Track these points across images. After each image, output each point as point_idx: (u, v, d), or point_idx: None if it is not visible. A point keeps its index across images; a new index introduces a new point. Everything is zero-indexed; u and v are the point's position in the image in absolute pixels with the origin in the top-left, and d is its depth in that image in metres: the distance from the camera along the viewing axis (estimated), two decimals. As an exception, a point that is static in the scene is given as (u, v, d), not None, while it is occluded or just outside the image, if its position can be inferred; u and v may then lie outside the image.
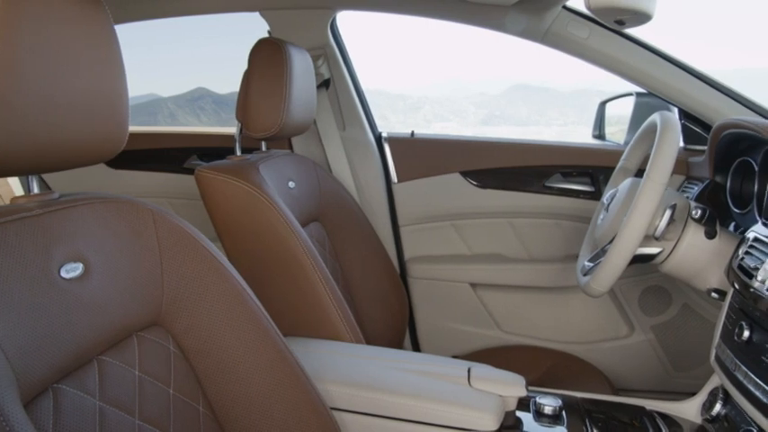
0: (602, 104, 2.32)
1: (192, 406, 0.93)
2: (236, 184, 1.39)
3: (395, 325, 1.86)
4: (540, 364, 1.88)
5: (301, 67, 1.56)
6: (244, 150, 1.61)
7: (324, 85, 2.01)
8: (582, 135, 2.36)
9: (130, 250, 0.88)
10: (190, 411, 0.92)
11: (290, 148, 2.09)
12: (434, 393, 1.15)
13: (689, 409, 1.36)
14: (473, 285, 2.08)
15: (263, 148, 1.67)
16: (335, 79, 2.02)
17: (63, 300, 0.75)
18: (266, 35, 1.99)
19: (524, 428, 1.19)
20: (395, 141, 2.10)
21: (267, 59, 1.50)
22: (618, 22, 1.37)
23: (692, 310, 1.94)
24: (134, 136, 2.27)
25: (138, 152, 2.30)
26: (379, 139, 2.11)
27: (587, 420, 1.25)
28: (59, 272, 0.76)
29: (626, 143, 2.07)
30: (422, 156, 2.08)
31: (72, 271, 0.78)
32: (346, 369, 1.22)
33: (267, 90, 1.48)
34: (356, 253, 1.79)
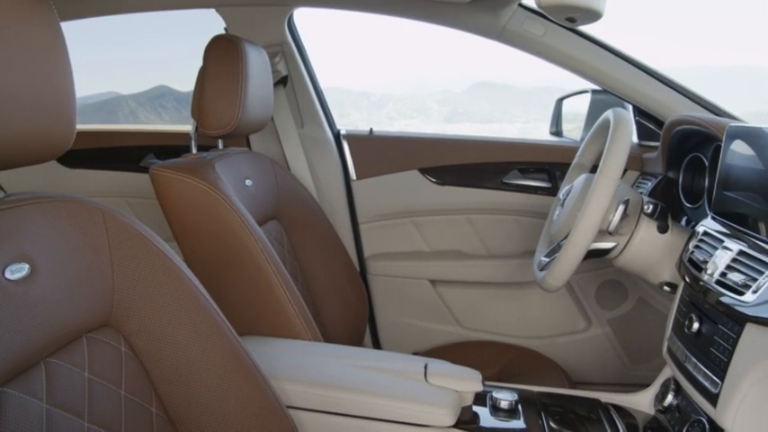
0: (559, 101, 2.34)
1: (145, 407, 0.91)
2: (191, 183, 1.37)
3: (354, 322, 1.85)
4: (498, 360, 1.89)
5: (257, 64, 1.55)
6: (201, 148, 1.59)
7: (281, 82, 1.99)
8: (544, 132, 2.39)
9: (79, 250, 0.87)
10: (142, 413, 0.91)
11: (248, 146, 2.07)
12: (391, 390, 1.15)
13: (642, 401, 1.38)
14: (433, 282, 2.09)
15: (220, 146, 1.66)
16: (293, 76, 2.01)
17: (8, 301, 0.73)
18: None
19: (481, 423, 1.19)
20: (353, 139, 2.09)
21: (222, 56, 1.48)
22: (569, 20, 1.38)
23: (647, 304, 1.98)
24: (90, 134, 2.24)
25: (95, 151, 2.26)
26: (337, 136, 2.11)
27: (543, 414, 1.27)
28: (4, 273, 0.75)
29: (582, 140, 2.09)
30: (381, 153, 2.08)
31: (17, 272, 0.76)
32: (303, 367, 1.21)
33: (222, 87, 1.46)
34: (315, 251, 1.78)
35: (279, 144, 2.04)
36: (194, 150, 1.58)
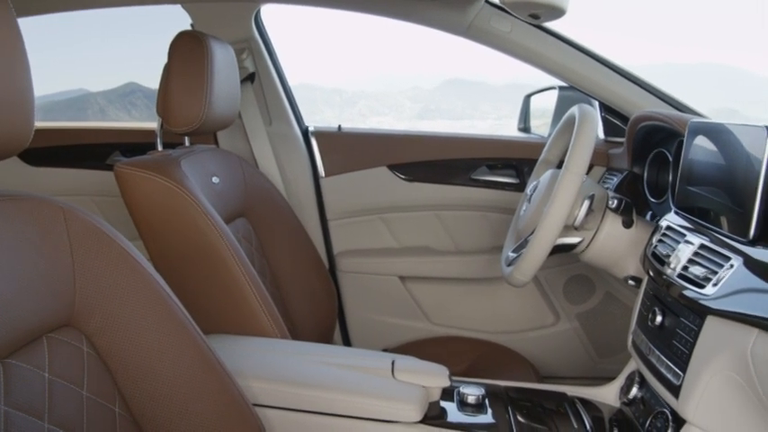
0: (527, 98, 2.36)
1: (108, 407, 0.90)
2: (156, 180, 1.36)
3: (324, 320, 1.85)
4: (467, 355, 1.90)
5: (223, 60, 1.54)
6: (168, 146, 1.57)
7: (249, 79, 1.98)
8: (514, 129, 2.41)
9: (38, 250, 0.85)
10: (105, 413, 0.90)
11: (216, 143, 2.05)
12: (358, 386, 1.15)
13: (608, 394, 1.40)
14: (402, 278, 2.09)
15: (187, 143, 1.64)
16: (261, 73, 2.00)
17: None
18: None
19: (448, 418, 1.20)
20: (322, 135, 2.09)
21: (187, 53, 1.47)
22: (532, 16, 1.39)
23: (614, 298, 2.00)
24: (55, 132, 2.21)
25: (60, 148, 2.23)
26: (305, 133, 2.10)
27: (510, 408, 1.28)
28: None
29: (550, 136, 2.11)
30: (349, 150, 2.08)
31: None
32: (269, 365, 1.21)
33: (187, 84, 1.45)
34: (284, 248, 1.78)
35: (247, 141, 2.03)
36: (160, 148, 1.56)
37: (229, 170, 1.67)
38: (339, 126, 2.11)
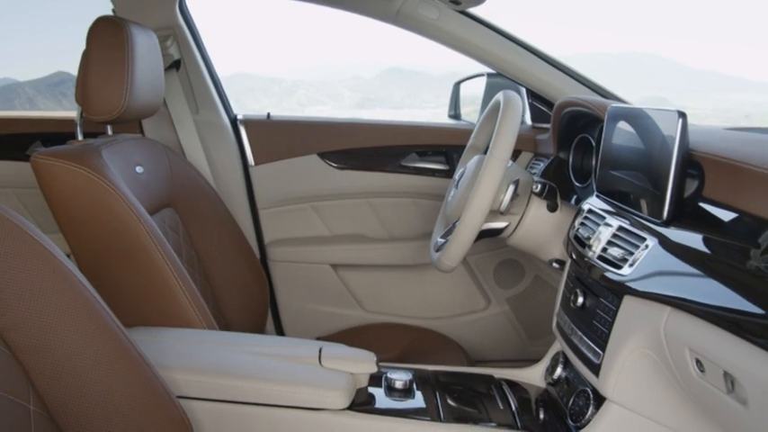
0: (457, 85, 2.38)
1: (22, 405, 0.87)
2: (75, 171, 1.31)
3: (256, 310, 1.83)
4: (400, 341, 1.91)
5: (145, 47, 1.50)
6: (90, 135, 1.52)
7: (174, 66, 1.94)
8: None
9: None
10: (18, 411, 0.87)
11: (142, 132, 2.00)
12: (283, 375, 1.14)
13: (534, 375, 1.43)
14: (334, 266, 2.09)
15: (109, 132, 1.60)
16: (186, 60, 1.95)
17: None
18: None
19: (376, 404, 1.20)
20: (251, 124, 2.06)
21: (106, 39, 1.42)
22: (453, 2, 1.40)
23: (543, 281, 2.04)
24: None
25: None
26: (234, 121, 2.06)
27: (438, 392, 1.29)
28: None
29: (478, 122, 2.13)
30: (279, 138, 2.06)
31: None
32: (193, 356, 1.19)
33: (107, 71, 1.41)
34: (213, 239, 1.75)
35: (173, 130, 1.98)
36: (80, 137, 1.51)
37: (154, 159, 1.63)
38: (268, 114, 2.09)
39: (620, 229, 1.16)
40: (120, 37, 1.42)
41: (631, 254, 1.07)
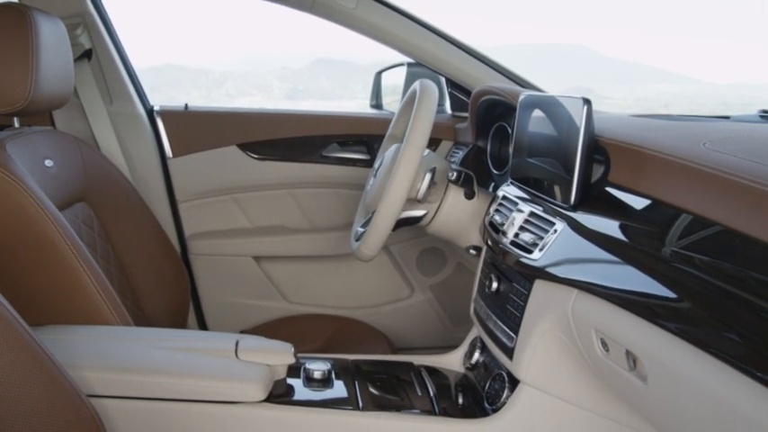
0: (378, 75, 2.38)
1: None
2: None
3: (177, 305, 1.79)
4: (324, 332, 1.90)
5: (52, 35, 1.44)
6: None
7: (85, 56, 1.87)
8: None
9: None
10: None
11: (53, 124, 1.92)
12: (198, 369, 1.12)
13: (453, 361, 1.45)
14: (257, 258, 2.06)
15: (16, 125, 1.53)
16: (98, 50, 1.89)
17: None
18: None
19: (294, 396, 1.20)
20: (168, 115, 2.01)
21: (8, 27, 1.36)
22: None
23: (464, 269, 2.06)
24: None
25: None
26: (150, 112, 2.01)
27: (357, 381, 1.29)
28: None
29: (398, 111, 2.14)
30: (197, 129, 2.01)
31: None
32: (105, 354, 1.15)
33: (8, 61, 1.35)
34: (130, 233, 1.70)
35: (86, 122, 1.92)
36: None
37: (65, 152, 1.57)
38: (186, 105, 2.04)
39: (532, 214, 1.18)
40: (22, 25, 1.36)
41: (541, 238, 1.10)
